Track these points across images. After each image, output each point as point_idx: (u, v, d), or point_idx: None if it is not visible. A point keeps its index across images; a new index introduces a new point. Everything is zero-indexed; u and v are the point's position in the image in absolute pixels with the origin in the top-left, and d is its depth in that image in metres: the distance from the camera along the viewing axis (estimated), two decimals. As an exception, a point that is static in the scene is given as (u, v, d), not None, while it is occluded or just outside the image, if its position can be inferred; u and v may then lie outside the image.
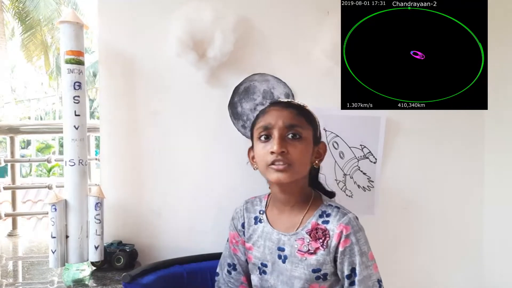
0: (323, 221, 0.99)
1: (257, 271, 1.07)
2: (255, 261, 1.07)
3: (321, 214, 1.01)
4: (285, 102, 1.05)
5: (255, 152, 1.03)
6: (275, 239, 1.03)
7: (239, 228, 1.13)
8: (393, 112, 1.34)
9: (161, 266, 1.15)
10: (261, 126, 1.00)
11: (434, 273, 1.50)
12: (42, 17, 9.49)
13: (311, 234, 0.99)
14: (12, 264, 1.43)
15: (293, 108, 1.01)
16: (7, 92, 10.25)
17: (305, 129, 0.99)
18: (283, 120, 0.97)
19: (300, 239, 1.00)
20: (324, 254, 0.97)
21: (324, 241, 0.97)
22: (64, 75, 1.16)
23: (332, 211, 1.00)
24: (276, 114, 0.99)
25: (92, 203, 1.18)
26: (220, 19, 1.26)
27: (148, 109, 1.32)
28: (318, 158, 1.05)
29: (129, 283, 1.05)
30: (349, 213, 0.99)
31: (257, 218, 1.10)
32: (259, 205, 1.12)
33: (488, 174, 1.50)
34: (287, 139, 0.97)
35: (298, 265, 0.99)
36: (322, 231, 0.98)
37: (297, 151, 0.96)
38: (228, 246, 1.15)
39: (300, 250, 0.99)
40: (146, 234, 1.33)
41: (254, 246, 1.08)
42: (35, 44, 10.11)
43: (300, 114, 1.00)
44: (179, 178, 1.34)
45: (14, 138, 1.91)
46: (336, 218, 0.98)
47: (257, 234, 1.08)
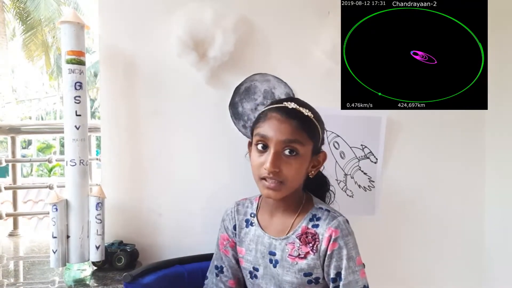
0: (313, 225, 0.99)
1: (248, 275, 1.06)
2: (246, 265, 1.06)
3: (311, 217, 1.00)
4: (289, 110, 0.96)
5: (251, 158, 1.01)
6: (267, 243, 1.03)
7: (231, 229, 1.11)
8: (394, 112, 1.34)
9: (162, 266, 1.15)
10: (259, 133, 0.96)
11: (435, 273, 1.50)
12: (43, 17, 9.49)
13: (301, 238, 0.98)
14: (13, 264, 1.44)
15: (295, 120, 0.94)
16: (8, 92, 10.25)
17: (305, 144, 0.95)
18: (281, 134, 0.93)
19: (291, 243, 0.99)
20: (315, 258, 0.96)
21: (314, 246, 0.96)
22: (65, 75, 1.17)
23: (322, 214, 0.99)
24: (276, 126, 0.94)
25: (93, 203, 1.18)
26: (221, 19, 1.26)
27: (149, 109, 1.32)
28: (315, 168, 1.02)
29: (130, 283, 1.05)
30: (339, 216, 0.98)
31: (248, 221, 1.08)
32: (250, 207, 1.10)
33: (489, 174, 1.50)
34: (282, 155, 0.93)
35: (289, 269, 0.98)
36: (312, 235, 0.97)
37: (291, 169, 0.94)
38: (218, 248, 1.13)
39: (291, 254, 0.98)
40: (147, 234, 1.33)
41: (246, 250, 1.07)
42: (36, 44, 10.11)
43: (301, 128, 0.94)
44: (180, 178, 1.34)
45: (15, 138, 1.92)
46: (325, 222, 0.97)
47: (249, 237, 1.06)
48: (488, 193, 1.50)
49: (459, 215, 1.50)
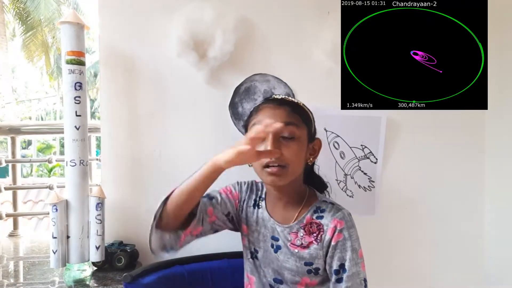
0: (318, 217, 1.00)
1: (249, 254, 1.07)
2: (247, 245, 1.08)
3: (316, 209, 1.01)
4: (279, 100, 1.03)
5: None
6: (270, 228, 1.03)
7: (242, 196, 1.09)
8: (394, 112, 1.34)
9: (162, 266, 1.15)
10: (254, 124, 0.98)
11: (435, 273, 1.50)
12: (42, 18, 9.50)
13: (305, 228, 0.99)
14: (13, 264, 1.44)
15: (287, 106, 0.99)
16: (8, 92, 10.25)
17: (300, 127, 0.98)
18: (277, 119, 0.94)
19: (294, 232, 1.00)
20: (318, 248, 0.97)
21: (318, 235, 0.97)
22: (65, 76, 1.17)
23: (327, 207, 1.01)
24: (270, 113, 0.97)
25: (93, 203, 1.18)
26: (221, 19, 1.26)
27: (149, 109, 1.32)
28: (312, 155, 1.04)
29: (130, 283, 1.05)
30: (343, 209, 1.00)
31: (256, 202, 1.09)
32: (260, 190, 1.11)
33: (489, 174, 1.50)
34: (281, 140, 0.95)
35: (290, 257, 0.99)
36: (317, 225, 0.98)
37: (291, 151, 0.95)
38: (221, 189, 1.10)
39: (294, 243, 0.99)
40: (147, 234, 1.32)
41: (248, 230, 1.07)
42: (36, 45, 10.12)
43: (294, 112, 0.98)
44: (180, 178, 1.33)
45: (15, 139, 1.92)
46: (330, 213, 0.98)
47: (253, 218, 1.07)
48: (488, 193, 1.50)
49: (459, 215, 1.50)
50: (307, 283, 0.99)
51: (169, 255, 1.02)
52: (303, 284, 0.99)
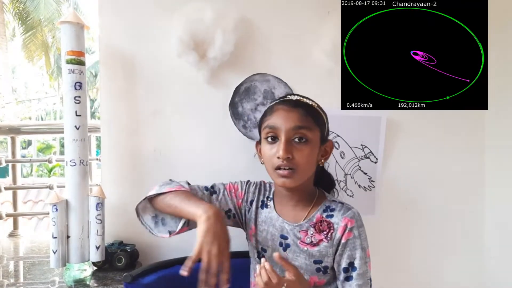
0: (328, 215, 1.00)
1: (256, 254, 1.08)
2: (254, 244, 1.08)
3: (326, 208, 1.02)
4: (293, 101, 1.01)
5: (263, 152, 1.02)
6: (279, 227, 1.04)
7: (248, 197, 1.11)
8: (394, 112, 1.34)
9: (162, 266, 1.15)
10: (268, 125, 0.99)
11: (435, 273, 1.50)
12: (42, 17, 9.50)
13: (315, 226, 1.00)
14: (13, 264, 1.44)
15: (301, 108, 0.98)
16: (8, 92, 10.25)
17: (312, 130, 0.98)
18: (290, 122, 0.96)
19: (304, 231, 1.01)
20: (327, 246, 0.98)
21: (328, 234, 0.98)
22: (65, 76, 1.17)
23: (337, 206, 1.02)
24: (283, 115, 0.98)
25: (93, 203, 1.18)
26: (221, 20, 1.26)
27: (148, 109, 1.32)
28: (324, 157, 1.04)
29: (130, 283, 1.05)
30: (353, 208, 1.01)
31: (264, 202, 1.10)
32: (268, 191, 1.12)
33: (489, 174, 1.50)
34: (293, 143, 0.96)
35: (300, 254, 1.00)
36: (327, 223, 0.99)
37: (303, 155, 0.96)
38: (228, 183, 1.13)
39: (303, 241, 1.00)
40: (147, 234, 1.32)
41: (256, 230, 1.08)
42: (36, 45, 10.11)
43: (307, 115, 0.98)
44: (180, 178, 1.34)
45: (15, 138, 1.92)
46: (340, 212, 0.99)
47: (261, 218, 1.08)
48: (488, 193, 1.50)
49: (459, 214, 1.50)
50: (315, 281, 1.00)
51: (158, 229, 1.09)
52: (311, 283, 1.00)
